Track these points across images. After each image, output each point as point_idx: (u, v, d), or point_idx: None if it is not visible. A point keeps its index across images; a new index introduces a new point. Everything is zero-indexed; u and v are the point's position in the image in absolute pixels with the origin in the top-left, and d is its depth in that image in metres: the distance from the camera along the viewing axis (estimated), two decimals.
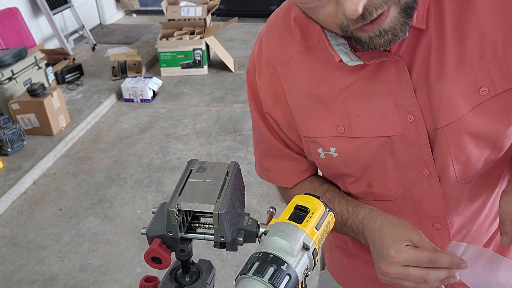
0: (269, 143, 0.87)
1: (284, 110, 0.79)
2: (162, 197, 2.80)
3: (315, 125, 0.76)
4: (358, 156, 0.76)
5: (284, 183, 0.91)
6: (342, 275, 1.04)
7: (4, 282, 2.22)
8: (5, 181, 2.84)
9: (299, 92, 0.76)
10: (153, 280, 0.72)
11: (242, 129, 3.54)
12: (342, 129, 0.74)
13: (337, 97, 0.73)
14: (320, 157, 0.79)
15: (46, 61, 3.91)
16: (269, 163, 0.91)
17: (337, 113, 0.74)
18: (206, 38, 4.44)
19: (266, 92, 0.79)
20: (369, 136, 0.73)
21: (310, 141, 0.78)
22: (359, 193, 0.82)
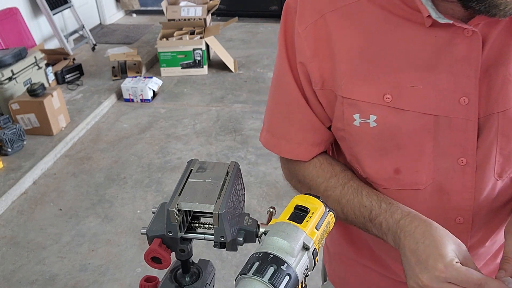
0: (293, 101, 0.76)
1: (323, 64, 0.70)
2: (162, 197, 2.80)
3: (360, 86, 0.68)
4: (398, 132, 0.69)
5: (299, 155, 0.80)
6: (343, 283, 1.00)
7: (4, 282, 2.21)
8: (5, 181, 2.84)
9: (350, 45, 0.68)
10: (153, 280, 0.72)
11: (242, 129, 3.54)
12: (389, 98, 0.67)
13: (393, 61, 0.66)
14: (354, 124, 0.71)
15: (46, 61, 3.91)
16: (284, 129, 0.80)
17: (388, 78, 0.67)
18: (206, 38, 4.44)
19: (306, 41, 0.70)
20: (418, 112, 0.67)
21: (348, 103, 0.70)
22: (382, 178, 0.74)
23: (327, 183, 0.77)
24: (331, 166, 0.79)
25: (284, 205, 2.70)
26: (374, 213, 0.71)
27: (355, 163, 0.78)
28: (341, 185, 0.76)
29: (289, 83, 0.75)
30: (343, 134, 0.75)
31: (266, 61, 4.87)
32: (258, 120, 3.67)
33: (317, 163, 0.80)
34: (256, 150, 3.25)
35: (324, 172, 0.78)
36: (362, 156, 0.75)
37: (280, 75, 0.78)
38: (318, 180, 0.78)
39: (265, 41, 5.53)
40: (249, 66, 4.76)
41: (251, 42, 5.52)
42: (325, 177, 0.78)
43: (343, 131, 0.74)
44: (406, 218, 0.66)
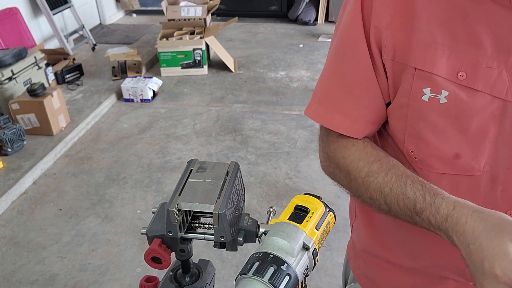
0: (361, 71, 0.72)
1: (398, 33, 0.67)
2: (162, 197, 2.80)
3: (435, 59, 0.65)
4: (466, 112, 0.66)
5: (353, 131, 0.75)
6: (370, 282, 0.96)
7: (4, 282, 2.21)
8: (5, 181, 2.84)
9: (432, 16, 0.65)
10: (153, 280, 0.73)
11: (242, 129, 3.54)
12: (463, 75, 0.65)
13: (474, 39, 0.64)
14: (422, 98, 0.67)
15: (46, 61, 3.91)
16: (342, 102, 0.75)
17: (464, 55, 0.64)
18: (206, 38, 4.44)
19: (387, 5, 0.67)
20: (490, 94, 0.64)
21: (420, 76, 0.67)
22: (439, 161, 0.71)
23: (369, 167, 0.72)
24: (374, 150, 0.74)
25: (284, 205, 2.70)
26: (419, 207, 0.65)
27: (411, 144, 0.73)
28: (384, 171, 0.71)
29: (360, 50, 0.71)
30: (406, 112, 0.71)
31: (266, 61, 4.87)
32: (258, 120, 3.67)
33: (360, 145, 0.75)
34: (256, 150, 3.25)
35: (367, 156, 0.73)
36: (423, 135, 0.71)
37: (350, 41, 0.72)
38: (360, 164, 0.73)
39: (265, 41, 5.53)
40: (249, 66, 4.76)
41: (251, 42, 5.52)
42: (368, 160, 0.73)
43: (406, 107, 0.70)
44: (453, 214, 0.61)
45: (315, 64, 4.74)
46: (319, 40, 5.45)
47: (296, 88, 4.22)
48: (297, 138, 3.39)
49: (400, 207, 0.68)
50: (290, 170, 3.01)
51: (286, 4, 6.29)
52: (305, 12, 6.05)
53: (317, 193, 0.64)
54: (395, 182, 0.69)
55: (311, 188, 2.80)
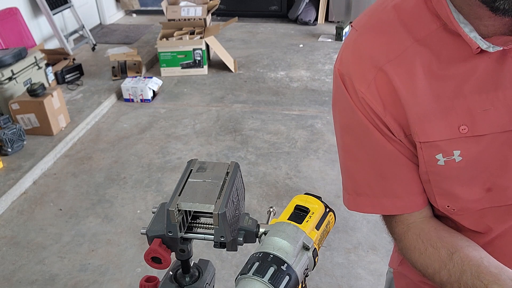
0: (385, 155, 0.75)
1: (397, 114, 0.71)
2: (162, 197, 2.80)
3: (433, 127, 0.69)
4: (485, 156, 0.69)
5: (408, 207, 0.77)
6: None
7: (4, 282, 2.21)
8: (5, 181, 2.84)
9: (413, 90, 0.69)
10: (153, 280, 0.73)
11: (242, 129, 3.54)
12: (465, 129, 0.67)
13: (458, 93, 0.67)
14: (438, 164, 0.71)
15: (46, 61, 3.91)
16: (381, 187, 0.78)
17: (458, 110, 0.67)
18: (206, 38, 4.44)
19: (373, 97, 0.71)
20: (496, 132, 0.67)
21: (427, 146, 0.70)
22: (474, 201, 0.73)
23: (440, 276, 0.73)
24: (437, 252, 0.74)
25: (284, 205, 2.70)
26: None
27: (444, 201, 0.75)
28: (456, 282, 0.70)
29: (375, 139, 0.74)
30: (428, 177, 0.74)
31: (266, 61, 4.87)
32: (258, 120, 3.67)
33: (421, 247, 0.76)
34: (256, 150, 3.25)
35: (432, 261, 0.74)
36: (451, 191, 0.73)
37: (362, 135, 0.76)
38: (429, 271, 0.75)
39: (265, 41, 5.53)
40: (249, 66, 4.76)
41: (251, 42, 5.52)
42: (435, 268, 0.74)
43: (426, 174, 0.74)
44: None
45: (315, 64, 4.74)
46: (319, 40, 5.45)
47: (296, 88, 4.22)
48: (297, 138, 3.39)
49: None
50: (290, 170, 3.01)
51: (286, 4, 6.29)
52: (305, 12, 6.05)
53: (317, 193, 0.64)
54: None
55: (311, 188, 2.80)
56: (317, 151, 3.21)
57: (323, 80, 4.36)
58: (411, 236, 0.77)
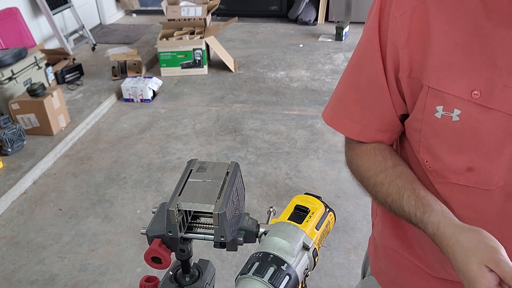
0: (374, 84, 0.76)
1: (415, 52, 0.69)
2: (162, 197, 2.80)
3: (449, 79, 0.67)
4: (480, 130, 0.67)
5: (360, 136, 0.81)
6: (386, 277, 0.98)
7: (4, 282, 2.21)
8: (5, 181, 2.84)
9: (447, 36, 0.66)
10: (153, 280, 0.73)
11: (242, 129, 3.54)
12: (477, 94, 0.65)
13: (489, 58, 0.64)
14: (434, 115, 0.70)
15: (46, 61, 3.91)
16: (353, 110, 0.81)
17: (480, 75, 0.65)
18: (206, 38, 4.44)
19: (402, 26, 0.69)
20: (505, 112, 0.65)
21: (434, 94, 0.69)
22: (452, 173, 0.73)
23: (376, 178, 0.78)
24: (384, 161, 0.79)
25: (284, 205, 2.70)
26: (413, 221, 0.72)
27: (426, 155, 0.76)
28: (388, 183, 0.76)
29: (375, 65, 0.75)
30: (420, 125, 0.74)
31: (266, 61, 4.87)
32: (258, 120, 3.67)
33: (371, 155, 0.80)
34: (256, 150, 3.25)
35: (375, 166, 0.78)
36: (437, 149, 0.73)
37: (366, 56, 0.76)
38: (369, 174, 0.79)
39: (265, 41, 5.53)
40: (249, 66, 4.76)
41: (251, 42, 5.52)
42: (375, 171, 0.78)
43: (421, 122, 0.73)
44: (437, 235, 0.67)
45: (315, 64, 4.74)
46: (319, 40, 5.45)
47: (296, 88, 4.22)
48: (297, 138, 3.39)
49: (401, 216, 0.75)
50: (290, 170, 3.01)
51: (286, 4, 6.29)
52: (305, 12, 6.05)
53: (317, 193, 0.64)
54: (395, 194, 0.74)
55: (311, 188, 2.80)
56: (317, 151, 3.21)
57: (323, 80, 4.36)
58: (367, 146, 0.82)
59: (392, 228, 0.93)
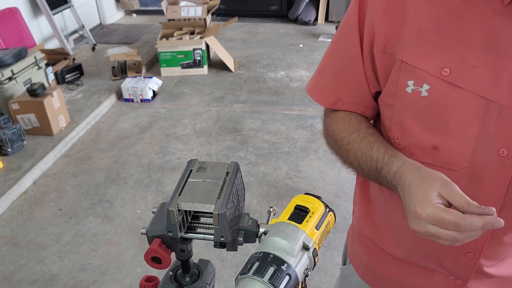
0: (350, 58, 0.80)
1: (391, 25, 0.72)
2: (162, 197, 2.80)
3: (421, 54, 0.69)
4: (447, 108, 0.70)
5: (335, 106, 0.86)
6: (362, 267, 1.01)
7: (4, 282, 2.21)
8: (5, 181, 2.84)
9: (424, 13, 0.69)
10: (153, 280, 0.73)
11: (242, 129, 3.54)
12: (446, 72, 0.68)
13: (461, 37, 0.67)
14: (406, 90, 0.72)
15: (46, 61, 3.91)
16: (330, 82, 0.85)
17: (451, 53, 0.67)
18: (206, 38, 4.44)
19: (381, 0, 0.72)
20: (472, 92, 0.67)
21: (406, 68, 0.71)
22: (419, 150, 0.76)
23: (350, 136, 0.81)
24: (358, 123, 0.82)
25: (284, 205, 2.70)
26: (379, 166, 0.74)
27: (395, 132, 0.78)
28: (360, 139, 0.79)
29: (351, 38, 0.78)
30: (392, 101, 0.76)
31: (266, 61, 4.87)
32: (258, 120, 3.67)
33: (347, 119, 0.84)
34: (256, 150, 3.25)
35: (350, 127, 0.82)
36: (406, 125, 0.76)
37: (346, 29, 0.80)
38: (344, 134, 0.83)
39: (265, 41, 5.53)
40: (249, 66, 4.76)
41: (251, 42, 5.52)
42: (350, 131, 0.82)
43: (393, 96, 0.76)
44: (400, 170, 0.69)
45: (315, 64, 4.74)
46: (319, 40, 5.45)
47: (296, 88, 4.22)
48: (297, 138, 3.39)
49: (368, 168, 0.77)
50: (290, 170, 3.01)
51: (286, 4, 6.29)
52: (305, 12, 6.05)
53: (317, 193, 0.64)
54: (366, 147, 0.77)
55: (311, 188, 2.80)
56: (317, 151, 3.21)
57: None
58: (343, 113, 0.86)
59: (366, 214, 0.96)
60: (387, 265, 0.93)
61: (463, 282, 0.82)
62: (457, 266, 0.81)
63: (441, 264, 0.83)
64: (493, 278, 0.83)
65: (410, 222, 0.65)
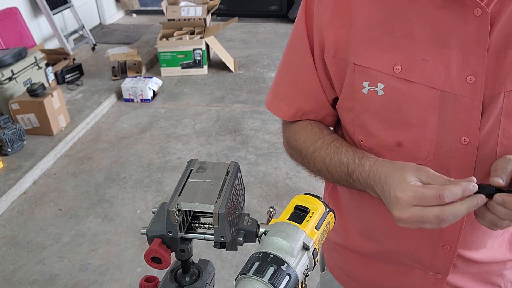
0: (302, 66, 0.80)
1: (339, 30, 0.73)
2: (162, 197, 2.80)
3: (372, 55, 0.71)
4: (404, 103, 0.71)
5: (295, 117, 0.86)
6: (343, 275, 1.02)
7: (4, 282, 2.21)
8: (5, 181, 2.84)
9: (368, 14, 0.70)
10: (153, 280, 0.73)
11: (242, 129, 3.54)
12: (398, 69, 0.69)
13: (408, 34, 0.68)
14: (362, 91, 0.73)
15: (46, 61, 3.91)
16: (287, 92, 0.85)
17: (400, 49, 0.69)
18: (206, 38, 4.44)
19: (326, 6, 0.73)
20: (426, 85, 0.68)
21: (359, 70, 0.72)
22: (385, 149, 0.76)
23: (315, 145, 0.81)
24: (320, 131, 0.83)
25: (284, 205, 2.70)
26: (350, 169, 0.74)
27: (359, 134, 0.79)
28: (326, 145, 0.80)
29: (302, 48, 0.79)
30: (352, 104, 0.77)
31: (266, 61, 4.87)
32: (258, 120, 3.67)
33: (308, 128, 0.84)
34: (256, 150, 3.25)
35: (313, 135, 0.82)
36: (368, 125, 0.76)
37: (295, 40, 0.81)
38: (307, 143, 0.82)
39: (265, 41, 5.53)
40: (249, 66, 4.76)
41: (251, 42, 5.52)
42: (313, 139, 0.82)
43: (351, 99, 0.76)
44: (373, 168, 0.70)
45: None
46: None
47: None
48: None
49: (338, 173, 0.77)
50: (290, 170, 3.01)
51: (286, 4, 6.29)
52: None
53: (317, 193, 0.64)
54: (333, 152, 0.78)
55: (311, 188, 2.80)
56: None
57: None
58: (304, 122, 0.86)
59: (339, 222, 0.96)
60: (368, 269, 0.93)
61: (443, 276, 0.83)
62: (435, 260, 0.81)
63: (419, 260, 0.83)
64: (473, 268, 0.83)
65: (393, 210, 0.64)
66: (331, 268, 1.05)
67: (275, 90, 0.88)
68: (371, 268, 0.92)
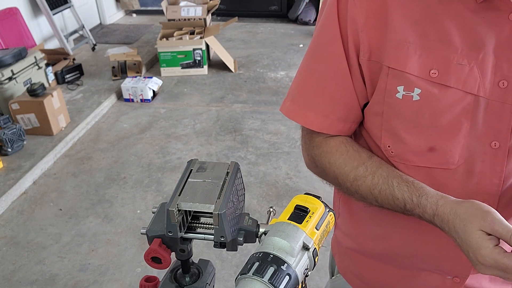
0: (335, 71, 0.76)
1: (374, 33, 0.71)
2: (162, 197, 2.80)
3: (408, 58, 0.69)
4: (439, 108, 0.69)
5: (324, 127, 0.79)
6: (356, 279, 1.00)
7: (4, 282, 2.21)
8: (5, 181, 2.84)
9: (405, 16, 0.69)
10: (153, 280, 0.73)
11: (242, 129, 3.54)
12: (435, 73, 0.68)
13: (444, 37, 0.67)
14: (396, 96, 0.71)
15: (46, 61, 3.91)
16: (313, 99, 0.79)
17: (435, 53, 0.68)
18: (206, 38, 4.44)
19: (361, 7, 0.71)
20: (462, 90, 0.68)
21: (393, 74, 0.71)
22: (414, 155, 0.75)
23: (356, 172, 0.77)
24: (358, 154, 0.78)
25: (284, 205, 2.70)
26: (408, 207, 0.72)
27: (388, 139, 0.77)
28: (371, 174, 0.76)
29: (336, 50, 0.75)
30: (381, 108, 0.75)
31: (266, 61, 4.87)
32: (258, 120, 3.67)
33: (343, 150, 0.79)
34: (256, 150, 3.25)
35: (352, 160, 0.78)
36: (399, 131, 0.74)
37: (326, 43, 0.77)
38: (346, 169, 0.78)
39: (265, 41, 5.53)
40: (249, 66, 4.76)
41: (251, 42, 5.51)
42: (353, 165, 0.78)
43: (382, 104, 0.74)
44: (437, 213, 0.67)
45: None
46: None
47: None
48: (297, 138, 3.39)
49: (392, 206, 0.74)
50: (290, 170, 3.01)
51: (286, 4, 6.29)
52: (305, 12, 6.05)
53: (317, 193, 0.64)
54: (382, 184, 0.75)
55: (311, 188, 2.80)
56: None
57: None
58: (334, 141, 0.81)
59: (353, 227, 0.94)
60: (381, 273, 0.92)
61: (461, 280, 0.82)
62: (456, 264, 0.81)
63: (438, 265, 0.82)
64: None
65: (477, 268, 0.63)
66: (343, 273, 1.04)
67: (298, 98, 0.81)
68: (384, 272, 0.91)
